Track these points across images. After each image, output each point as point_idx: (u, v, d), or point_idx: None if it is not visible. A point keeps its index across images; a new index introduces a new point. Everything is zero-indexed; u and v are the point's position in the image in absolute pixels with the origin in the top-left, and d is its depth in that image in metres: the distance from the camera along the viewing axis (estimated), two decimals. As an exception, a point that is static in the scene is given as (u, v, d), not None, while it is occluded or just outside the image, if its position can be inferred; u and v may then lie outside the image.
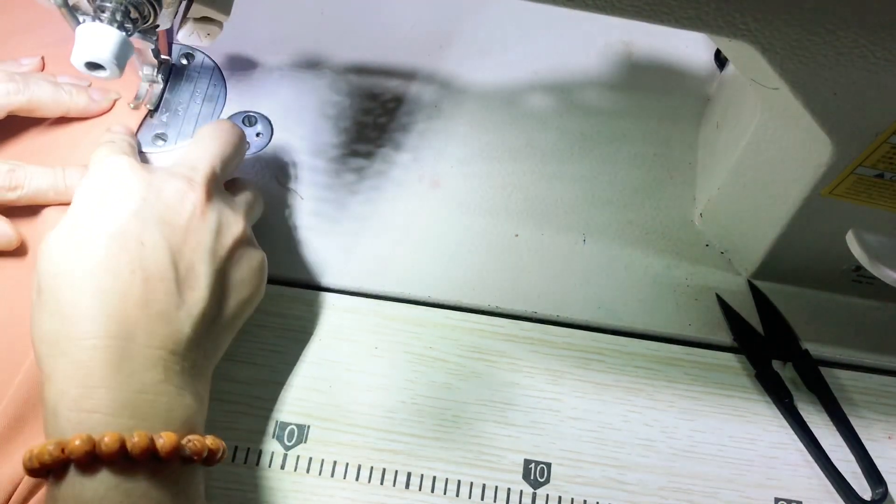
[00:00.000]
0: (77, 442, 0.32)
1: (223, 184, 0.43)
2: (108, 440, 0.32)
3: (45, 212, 0.46)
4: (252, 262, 0.41)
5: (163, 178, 0.39)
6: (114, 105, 0.51)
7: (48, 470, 0.33)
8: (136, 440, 0.32)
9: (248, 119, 0.53)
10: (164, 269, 0.37)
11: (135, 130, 0.51)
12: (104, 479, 0.32)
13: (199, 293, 0.38)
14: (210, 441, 0.35)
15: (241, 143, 0.45)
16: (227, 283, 0.39)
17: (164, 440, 0.33)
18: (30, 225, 0.46)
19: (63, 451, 0.32)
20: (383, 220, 0.50)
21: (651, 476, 0.43)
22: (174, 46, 0.55)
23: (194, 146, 0.43)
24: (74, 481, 0.32)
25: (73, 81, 0.50)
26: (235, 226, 0.41)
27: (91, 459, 0.32)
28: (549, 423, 0.44)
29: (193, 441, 0.34)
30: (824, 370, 0.46)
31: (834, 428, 0.45)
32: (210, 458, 0.35)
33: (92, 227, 0.37)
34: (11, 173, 0.44)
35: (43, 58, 0.52)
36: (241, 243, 0.41)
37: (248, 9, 0.57)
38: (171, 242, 0.37)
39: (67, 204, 0.47)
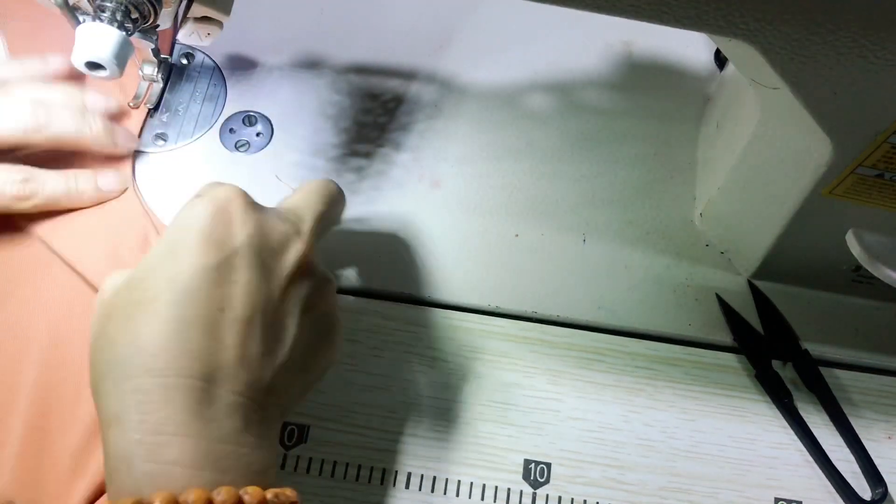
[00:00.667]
0: (158, 502, 0.28)
1: None
2: (193, 499, 0.29)
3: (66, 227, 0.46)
4: (335, 327, 0.39)
5: (273, 221, 0.37)
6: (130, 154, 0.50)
7: None
8: (223, 497, 0.30)
9: (248, 119, 0.53)
10: (255, 313, 0.34)
11: (137, 131, 0.51)
12: None
13: (284, 344, 0.35)
14: (290, 492, 0.32)
15: (342, 205, 0.43)
16: (310, 342, 0.37)
17: (251, 496, 0.30)
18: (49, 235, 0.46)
19: None
20: (383, 220, 0.50)
21: (651, 476, 0.43)
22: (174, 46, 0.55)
23: (301, 196, 0.40)
24: None
25: (101, 101, 0.49)
26: (328, 288, 0.39)
27: None
28: (549, 423, 0.44)
29: (277, 494, 0.32)
30: (824, 370, 0.46)
31: (834, 428, 0.45)
32: None
33: (186, 258, 0.34)
34: (25, 183, 0.44)
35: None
36: (332, 306, 0.39)
37: (248, 9, 0.57)
38: (267, 288, 0.35)
39: (78, 209, 0.47)
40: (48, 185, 0.45)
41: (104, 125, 0.48)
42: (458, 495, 0.42)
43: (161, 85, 0.53)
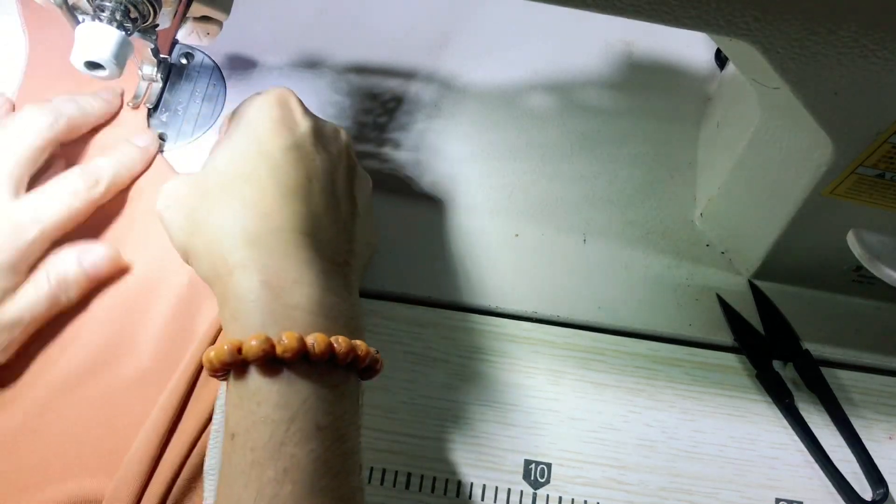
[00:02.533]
0: (285, 339, 0.32)
1: None
2: (317, 341, 0.32)
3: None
4: (372, 212, 0.44)
5: (319, 118, 0.42)
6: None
7: (238, 365, 0.32)
8: (339, 344, 0.33)
9: (248, 119, 0.53)
10: (334, 184, 0.39)
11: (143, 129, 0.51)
12: (309, 380, 0.32)
13: (359, 213, 0.41)
14: (375, 352, 0.36)
15: None
16: (367, 212, 0.42)
17: (359, 347, 0.34)
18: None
19: (272, 346, 0.32)
20: (383, 220, 0.50)
21: (651, 476, 0.43)
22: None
23: None
24: (286, 379, 0.32)
25: (153, 143, 0.51)
26: (367, 177, 0.44)
27: (301, 359, 0.32)
28: (549, 423, 0.44)
29: (377, 351, 0.35)
30: (825, 370, 0.46)
31: (834, 428, 0.45)
32: (372, 367, 0.36)
33: (269, 138, 0.38)
34: (85, 172, 0.45)
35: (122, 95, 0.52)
36: (371, 196, 0.44)
37: (248, 9, 0.57)
38: (331, 165, 0.40)
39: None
40: (102, 165, 0.47)
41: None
42: (458, 495, 0.42)
43: (160, 85, 0.53)
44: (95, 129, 0.50)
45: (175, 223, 0.39)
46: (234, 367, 0.33)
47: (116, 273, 0.46)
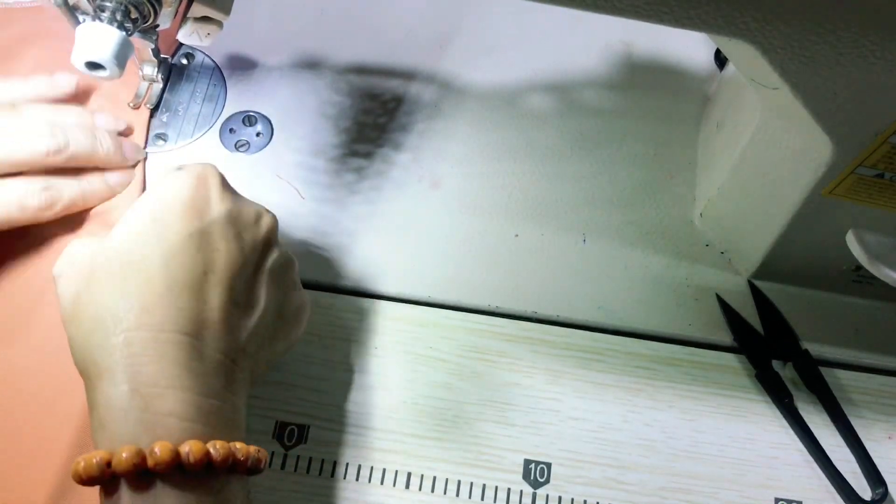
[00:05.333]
0: (158, 450, 0.30)
1: None
2: (192, 450, 0.31)
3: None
4: (301, 301, 0.41)
5: (243, 199, 0.40)
6: (137, 165, 0.51)
7: (107, 478, 0.31)
8: (218, 450, 0.31)
9: (248, 119, 0.53)
10: (234, 278, 0.36)
11: (144, 133, 0.51)
12: (186, 490, 0.31)
13: (257, 312, 0.37)
14: (265, 453, 0.35)
15: None
16: (278, 314, 0.39)
17: (240, 451, 0.32)
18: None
19: (143, 459, 0.30)
20: (383, 220, 0.50)
21: (651, 476, 0.43)
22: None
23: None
24: (160, 493, 0.31)
25: (111, 122, 0.50)
26: (292, 266, 0.41)
27: (175, 469, 0.30)
28: (549, 423, 0.44)
29: (259, 450, 0.34)
30: (824, 370, 0.46)
31: (834, 428, 0.45)
32: (255, 468, 0.34)
33: (171, 223, 0.36)
34: (46, 192, 0.45)
35: (77, 82, 0.51)
36: (298, 285, 0.42)
37: (248, 9, 0.57)
38: (244, 256, 0.37)
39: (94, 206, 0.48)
40: (65, 190, 0.46)
41: (114, 142, 0.49)
42: (458, 495, 0.42)
43: (161, 85, 0.53)
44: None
45: (63, 297, 0.36)
46: (103, 480, 0.31)
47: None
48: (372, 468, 0.43)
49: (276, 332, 0.39)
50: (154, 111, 0.52)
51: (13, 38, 0.54)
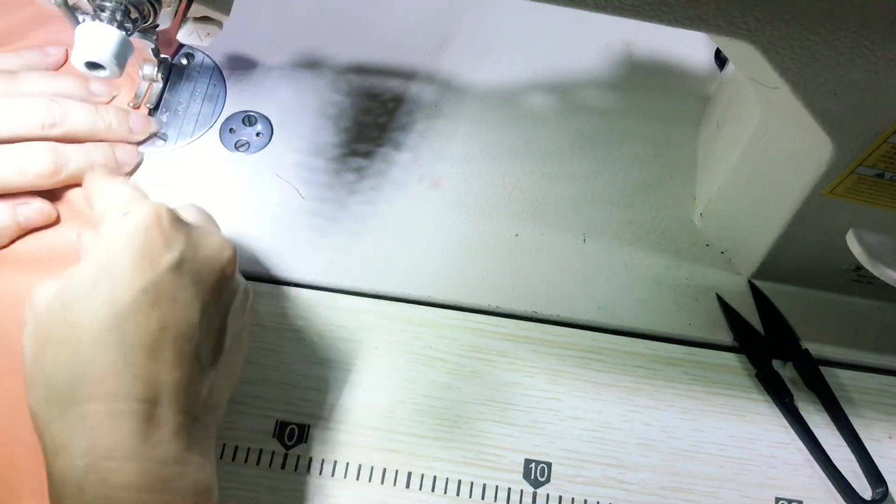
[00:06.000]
0: None
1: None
2: None
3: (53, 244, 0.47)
4: (246, 332, 0.40)
5: (199, 232, 0.37)
6: (148, 136, 0.51)
7: None
8: None
9: (248, 119, 0.53)
10: (193, 329, 0.34)
11: (142, 131, 0.51)
12: None
13: (219, 355, 0.36)
14: None
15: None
16: (237, 346, 0.38)
17: None
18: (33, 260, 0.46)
19: None
20: (383, 220, 0.50)
21: (651, 475, 0.43)
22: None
23: (198, 215, 0.40)
24: None
25: (106, 91, 0.50)
26: (247, 295, 0.40)
27: None
28: (549, 422, 0.44)
29: None
30: (824, 370, 0.46)
31: (834, 427, 0.45)
32: None
33: (122, 278, 0.33)
34: (53, 156, 0.45)
35: (67, 50, 0.51)
36: (249, 314, 0.40)
37: (248, 9, 0.57)
38: (202, 301, 0.35)
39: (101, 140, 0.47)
40: (72, 157, 0.46)
41: (116, 113, 0.48)
42: (458, 495, 0.42)
43: (161, 85, 0.53)
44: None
45: (24, 356, 0.34)
46: None
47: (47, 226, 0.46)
48: (372, 468, 0.43)
49: (232, 373, 0.38)
50: (154, 111, 0.52)
51: (16, 23, 0.54)
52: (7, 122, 0.44)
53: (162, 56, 0.51)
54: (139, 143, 0.51)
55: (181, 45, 0.55)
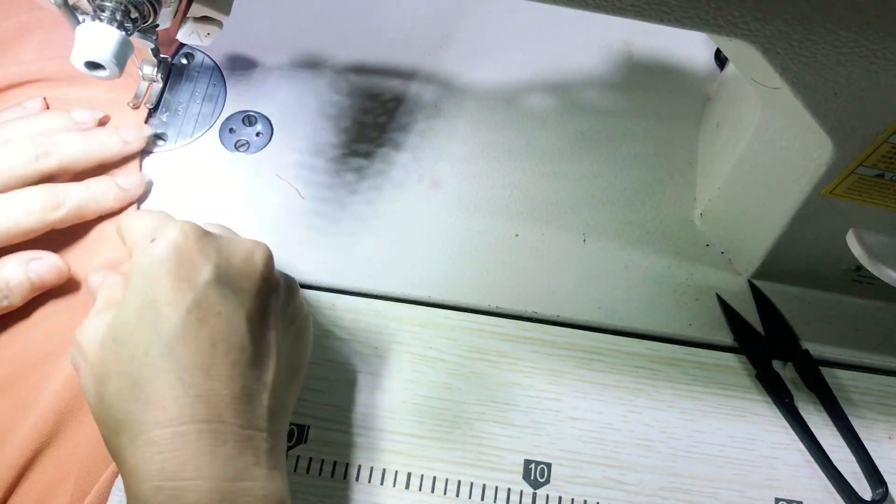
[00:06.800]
0: None
1: None
2: None
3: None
4: (306, 324, 0.40)
5: (229, 241, 0.37)
6: (146, 143, 0.50)
7: None
8: None
9: (248, 119, 0.53)
10: (243, 339, 0.35)
11: (137, 139, 0.51)
12: None
13: (272, 361, 0.36)
14: None
15: None
16: (291, 347, 0.38)
17: None
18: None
19: None
20: (383, 220, 0.50)
21: (651, 476, 0.43)
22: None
23: (217, 227, 0.41)
24: None
25: (90, 116, 0.49)
26: (294, 289, 0.40)
27: None
28: (549, 423, 0.44)
29: None
30: (824, 370, 0.46)
31: (834, 428, 0.45)
32: None
33: (165, 303, 0.34)
34: (51, 192, 0.44)
35: (45, 98, 0.51)
36: (301, 305, 0.40)
37: (248, 9, 0.57)
38: (247, 310, 0.35)
39: (107, 215, 0.47)
40: (72, 191, 0.45)
41: (106, 132, 0.48)
42: (458, 495, 0.42)
43: (161, 85, 0.53)
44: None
45: (88, 395, 0.36)
46: None
47: (62, 283, 0.45)
48: (372, 468, 0.43)
49: (295, 368, 0.38)
50: (154, 111, 0.52)
51: (14, 27, 0.54)
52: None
53: (162, 56, 0.51)
54: (140, 156, 0.50)
55: (181, 45, 0.55)
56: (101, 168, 0.49)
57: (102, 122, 0.50)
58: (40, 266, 0.44)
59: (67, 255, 0.46)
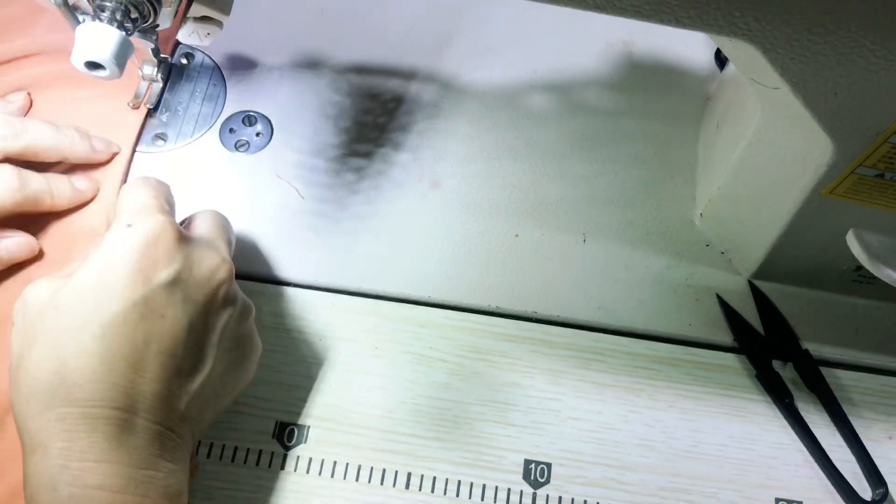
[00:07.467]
0: None
1: None
2: None
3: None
4: (252, 351, 0.41)
5: (199, 252, 0.37)
6: (113, 158, 0.50)
7: None
8: None
9: (248, 119, 0.53)
10: (177, 345, 0.35)
11: (137, 132, 0.51)
12: None
13: (202, 375, 0.37)
14: None
15: (233, 234, 0.44)
16: (226, 368, 0.39)
17: None
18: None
19: None
20: (383, 220, 0.50)
21: (651, 476, 0.43)
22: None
23: (206, 225, 0.41)
24: None
25: (75, 126, 0.49)
26: (248, 314, 0.40)
27: None
28: (549, 423, 0.44)
29: None
30: (824, 370, 0.46)
31: (834, 428, 0.45)
32: None
33: (115, 290, 0.34)
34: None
35: (29, 93, 0.51)
36: (251, 331, 0.41)
37: (248, 9, 0.57)
38: (190, 320, 0.36)
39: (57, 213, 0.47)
40: (32, 178, 0.45)
41: (80, 133, 0.48)
42: (458, 495, 0.42)
43: (161, 85, 0.53)
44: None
45: (12, 353, 0.35)
46: None
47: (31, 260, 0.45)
48: (372, 468, 0.43)
49: (224, 388, 0.39)
50: (154, 111, 0.52)
51: (24, 8, 0.54)
52: None
53: (162, 56, 0.51)
54: (129, 162, 0.50)
55: (177, 43, 0.55)
56: (88, 167, 0.49)
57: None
58: (9, 243, 0.44)
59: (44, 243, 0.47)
